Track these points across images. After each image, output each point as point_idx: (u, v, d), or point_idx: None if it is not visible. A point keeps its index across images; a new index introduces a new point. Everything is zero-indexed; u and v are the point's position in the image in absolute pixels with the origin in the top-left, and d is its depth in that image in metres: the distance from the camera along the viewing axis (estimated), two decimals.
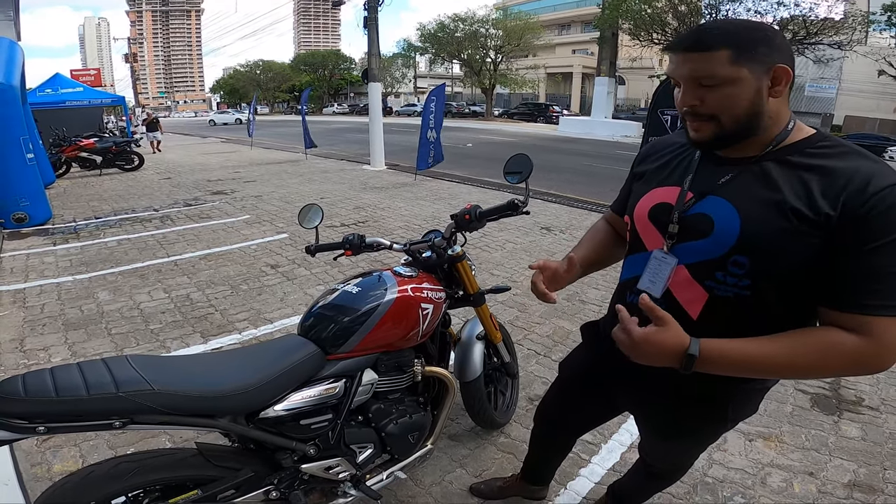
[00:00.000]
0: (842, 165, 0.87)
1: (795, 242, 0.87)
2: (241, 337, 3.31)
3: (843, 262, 0.84)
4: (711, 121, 0.91)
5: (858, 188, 0.82)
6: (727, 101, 0.89)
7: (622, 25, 23.74)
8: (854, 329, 0.84)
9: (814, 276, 0.88)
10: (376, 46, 11.87)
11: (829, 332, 0.87)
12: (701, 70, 0.89)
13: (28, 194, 6.25)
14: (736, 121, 0.90)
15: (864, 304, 0.83)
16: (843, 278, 0.85)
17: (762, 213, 0.90)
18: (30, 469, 2.06)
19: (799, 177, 0.89)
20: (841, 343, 0.84)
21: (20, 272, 4.57)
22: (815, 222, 0.85)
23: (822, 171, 0.87)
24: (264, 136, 18.14)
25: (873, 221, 0.81)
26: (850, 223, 0.82)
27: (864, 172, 0.84)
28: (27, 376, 1.04)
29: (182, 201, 7.86)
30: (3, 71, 6.16)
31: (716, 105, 0.89)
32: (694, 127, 0.94)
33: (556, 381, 1.56)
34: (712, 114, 0.90)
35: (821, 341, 0.87)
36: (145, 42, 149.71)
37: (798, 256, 0.88)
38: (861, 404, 2.60)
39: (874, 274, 0.82)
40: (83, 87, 16.09)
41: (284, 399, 1.33)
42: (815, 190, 0.86)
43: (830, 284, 0.87)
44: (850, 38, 18.59)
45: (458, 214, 1.73)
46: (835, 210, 0.83)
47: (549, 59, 46.08)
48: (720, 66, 0.87)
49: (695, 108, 0.91)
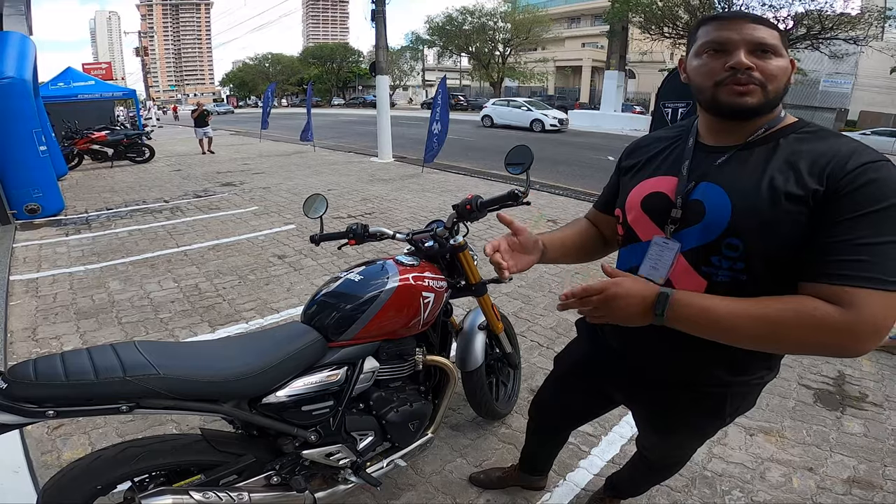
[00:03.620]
0: (825, 146, 0.90)
1: (786, 222, 0.88)
2: (248, 326, 3.36)
3: (820, 234, 0.85)
4: (760, 87, 0.92)
5: (840, 164, 0.85)
6: (777, 72, 0.92)
7: (632, 19, 23.48)
8: (831, 300, 0.82)
9: (802, 254, 0.89)
10: (384, 39, 11.84)
11: (804, 300, 0.85)
12: (763, 38, 0.91)
13: (41, 186, 6.34)
14: (776, 93, 0.93)
15: (842, 274, 0.82)
16: (820, 250, 0.85)
17: (752, 196, 0.91)
18: (40, 457, 2.10)
19: (786, 159, 0.91)
20: (815, 307, 0.83)
21: (33, 262, 4.65)
22: (803, 198, 0.87)
23: (808, 152, 0.90)
24: (273, 129, 18.15)
25: (852, 194, 0.83)
26: (832, 196, 0.85)
27: (845, 150, 0.87)
28: (38, 361, 1.07)
29: (192, 192, 7.94)
30: (16, 65, 6.24)
31: (768, 73, 0.91)
32: (742, 90, 0.92)
33: (552, 375, 1.57)
34: (762, 81, 0.92)
35: (797, 302, 0.85)
36: (156, 35, 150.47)
37: (788, 236, 0.89)
38: (864, 400, 2.59)
39: (853, 245, 0.82)
40: (95, 81, 16.18)
41: (287, 385, 1.36)
42: (803, 169, 0.88)
43: (809, 257, 0.87)
44: (866, 34, 18.27)
45: (459, 204, 1.75)
46: (821, 185, 0.86)
47: (559, 52, 45.71)
48: (776, 41, 0.92)
49: (751, 70, 0.91)
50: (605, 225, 1.33)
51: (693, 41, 1.00)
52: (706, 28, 0.97)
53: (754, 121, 0.96)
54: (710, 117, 1.03)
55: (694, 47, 0.99)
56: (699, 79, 0.98)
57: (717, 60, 0.94)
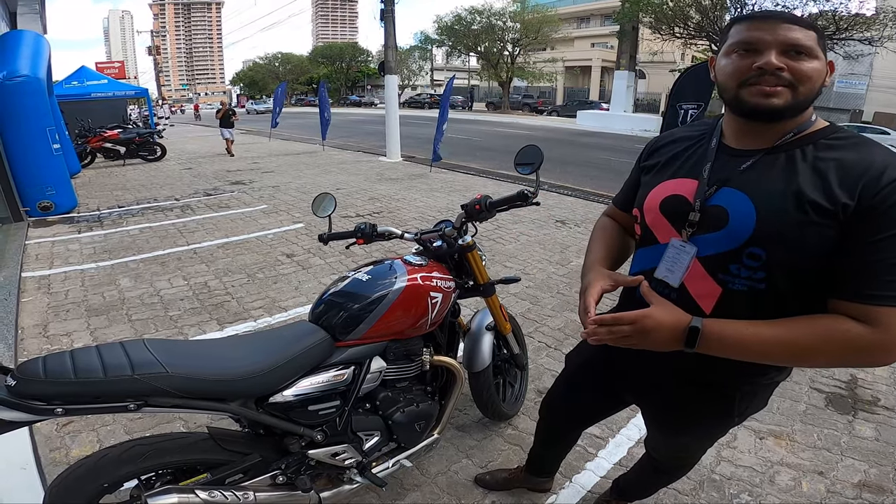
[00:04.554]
0: (857, 156, 0.87)
1: (812, 234, 0.86)
2: (257, 324, 3.37)
3: (854, 252, 0.84)
4: (790, 88, 0.90)
5: (874, 178, 0.83)
6: (810, 73, 0.89)
7: (643, 19, 23.32)
8: (861, 319, 0.84)
9: (828, 268, 0.88)
10: (393, 39, 11.85)
11: (836, 318, 0.87)
12: (797, 39, 0.89)
13: (54, 183, 6.41)
14: (807, 95, 0.91)
15: (873, 294, 0.83)
16: (854, 268, 0.85)
17: (778, 205, 0.89)
18: (48, 454, 2.11)
19: (815, 168, 0.89)
20: (846, 330, 0.84)
21: (45, 259, 4.70)
22: (833, 213, 0.85)
23: (838, 162, 0.88)
24: (283, 128, 18.24)
25: (887, 212, 0.81)
26: (864, 212, 0.83)
27: (879, 163, 0.84)
28: (48, 358, 1.07)
29: (202, 191, 8.00)
30: (30, 64, 6.31)
31: (800, 74, 0.89)
32: (770, 92, 0.90)
33: (563, 374, 1.56)
34: (792, 82, 0.89)
35: (825, 326, 0.86)
36: (168, 35, 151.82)
37: (814, 248, 0.87)
38: (877, 404, 2.55)
39: (885, 264, 0.82)
40: (108, 80, 16.32)
41: (293, 384, 1.36)
42: (833, 180, 0.86)
43: (840, 275, 0.87)
44: (882, 34, 18.01)
45: (468, 204, 1.74)
46: (852, 199, 0.84)
47: (568, 52, 45.44)
48: (812, 42, 0.89)
49: (781, 71, 0.89)
50: (627, 221, 1.31)
51: (724, 40, 0.98)
52: (738, 27, 0.95)
53: (782, 124, 0.93)
54: (735, 118, 1.00)
55: (724, 46, 0.97)
56: (725, 78, 0.96)
57: (745, 60, 0.92)
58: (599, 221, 1.39)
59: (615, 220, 1.36)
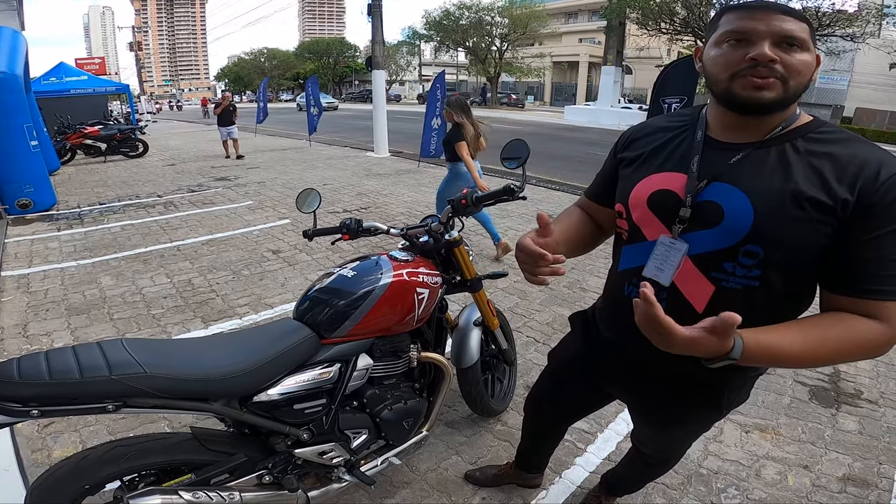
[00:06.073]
0: (848, 151, 0.87)
1: (810, 231, 0.86)
2: (242, 322, 3.33)
3: (857, 249, 0.84)
4: (781, 81, 0.87)
5: (871, 174, 0.83)
6: (801, 67, 0.87)
7: (630, 15, 23.43)
8: (870, 315, 0.85)
9: (825, 265, 0.88)
10: (380, 34, 11.78)
11: (855, 321, 0.86)
12: (791, 31, 0.86)
13: (32, 181, 6.27)
14: (797, 88, 0.89)
15: (877, 289, 0.84)
16: (856, 264, 0.85)
17: (776, 202, 0.88)
18: (30, 455, 2.08)
19: (809, 163, 0.88)
20: (868, 331, 0.85)
21: (24, 257, 4.60)
22: (832, 209, 0.84)
23: (831, 157, 0.87)
24: (269, 123, 18.02)
25: (887, 208, 0.82)
26: (864, 209, 0.83)
27: (874, 159, 0.85)
28: (22, 359, 1.05)
29: (186, 187, 7.88)
30: (7, 60, 6.16)
31: (791, 67, 0.87)
32: (761, 84, 0.87)
33: (546, 370, 1.55)
34: (784, 75, 0.87)
35: (850, 331, 0.86)
36: (150, 31, 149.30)
37: (811, 245, 0.87)
38: (860, 397, 2.58)
39: (887, 260, 0.83)
40: (87, 76, 16.02)
41: (278, 383, 1.34)
42: (829, 176, 0.86)
43: (842, 271, 0.87)
44: (864, 31, 18.28)
45: (455, 199, 1.72)
46: (851, 195, 0.83)
47: (556, 47, 45.62)
48: (805, 34, 0.87)
49: (773, 63, 0.87)
50: (601, 216, 1.26)
51: (713, 29, 0.94)
52: (730, 16, 0.91)
53: (771, 117, 0.92)
54: (723, 110, 0.97)
55: (714, 36, 0.93)
56: (715, 69, 0.92)
57: (737, 51, 0.88)
58: (568, 208, 1.34)
59: (584, 210, 1.31)
